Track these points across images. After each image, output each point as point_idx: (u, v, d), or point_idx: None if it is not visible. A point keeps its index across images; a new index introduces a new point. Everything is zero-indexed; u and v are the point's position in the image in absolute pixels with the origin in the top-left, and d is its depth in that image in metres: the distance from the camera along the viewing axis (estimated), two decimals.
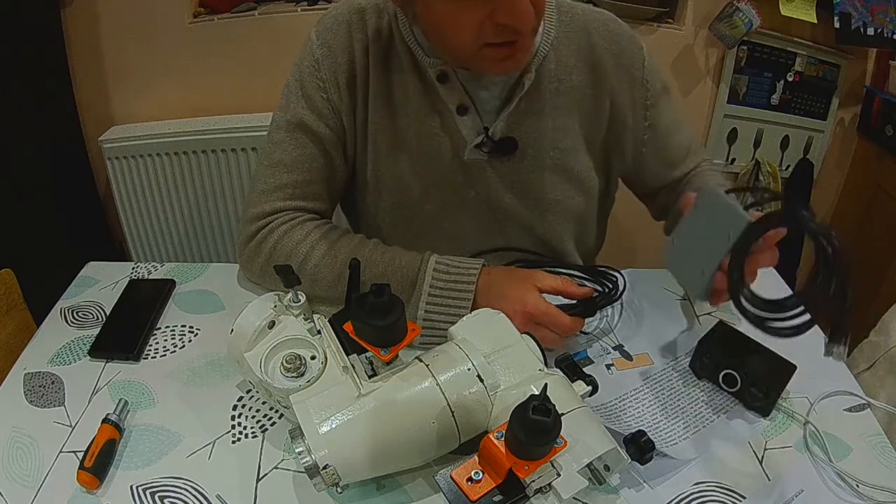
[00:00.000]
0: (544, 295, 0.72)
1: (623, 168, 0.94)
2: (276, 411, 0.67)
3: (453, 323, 0.63)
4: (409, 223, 0.89)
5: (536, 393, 0.50)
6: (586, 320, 0.76)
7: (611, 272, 0.81)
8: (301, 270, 0.77)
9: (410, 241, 0.84)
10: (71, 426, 0.65)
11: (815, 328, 0.57)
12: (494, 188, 0.86)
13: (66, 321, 0.80)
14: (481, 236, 0.90)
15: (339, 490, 0.55)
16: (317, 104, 0.81)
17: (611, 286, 0.77)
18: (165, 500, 0.58)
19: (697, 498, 0.60)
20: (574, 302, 0.74)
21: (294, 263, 0.77)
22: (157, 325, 0.79)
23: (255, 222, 0.81)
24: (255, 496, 0.59)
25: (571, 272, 0.83)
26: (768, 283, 0.91)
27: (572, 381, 0.62)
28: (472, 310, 0.73)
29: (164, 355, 0.75)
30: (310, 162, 0.82)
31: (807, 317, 0.57)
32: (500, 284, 0.73)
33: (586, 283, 0.82)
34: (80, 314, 0.81)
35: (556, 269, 0.84)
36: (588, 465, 0.54)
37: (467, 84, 0.80)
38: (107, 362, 0.74)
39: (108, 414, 0.64)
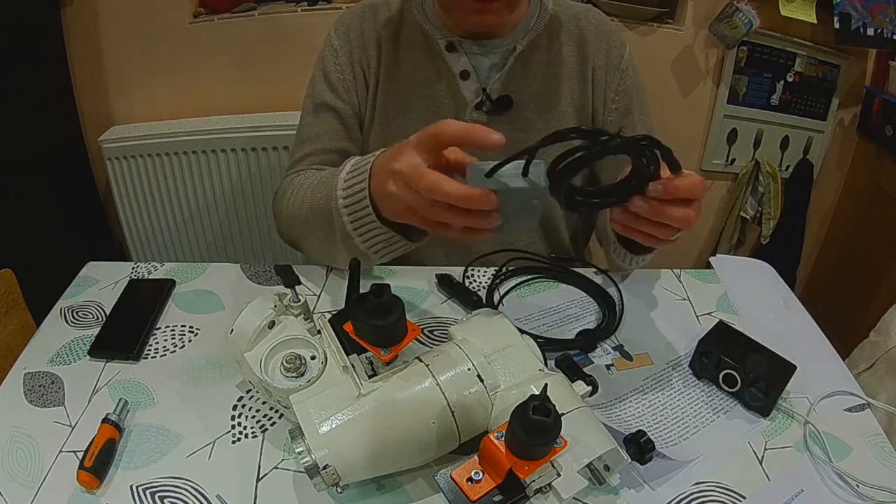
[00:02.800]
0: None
1: None
2: (276, 411, 0.67)
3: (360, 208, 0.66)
4: None
5: (536, 393, 0.50)
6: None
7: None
8: (289, 206, 0.84)
9: None
10: (71, 426, 0.65)
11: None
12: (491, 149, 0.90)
13: (66, 321, 0.80)
14: None
15: (339, 490, 0.55)
16: (335, 85, 0.93)
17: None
18: (165, 500, 0.58)
19: (697, 498, 0.60)
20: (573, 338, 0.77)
21: (288, 201, 0.84)
22: (157, 325, 0.79)
23: (281, 185, 0.91)
24: (255, 496, 0.59)
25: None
26: (767, 281, 0.92)
27: (572, 381, 0.62)
28: (370, 186, 0.67)
29: (164, 355, 0.75)
30: (329, 133, 0.93)
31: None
32: (388, 152, 0.66)
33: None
34: (80, 314, 0.81)
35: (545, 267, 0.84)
36: (588, 465, 0.54)
37: (470, 53, 0.91)
38: (107, 362, 0.74)
39: (107, 414, 0.64)
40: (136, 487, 0.59)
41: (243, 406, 0.68)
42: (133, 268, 0.89)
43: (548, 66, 0.92)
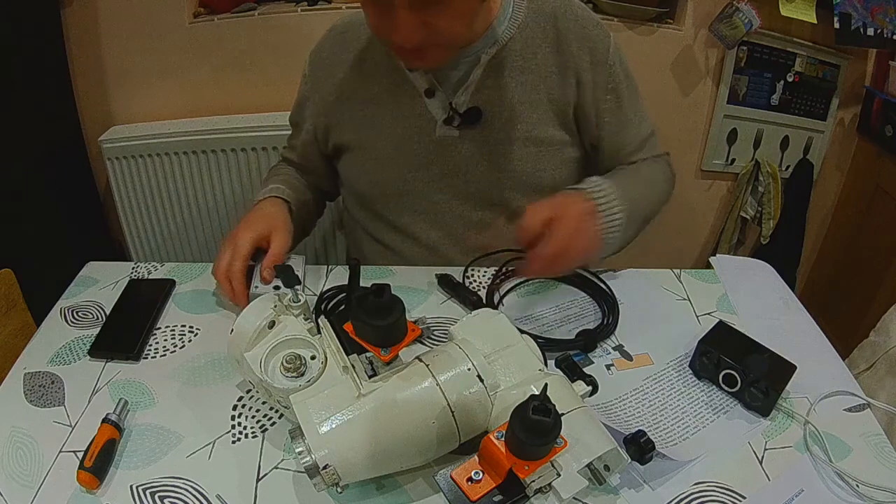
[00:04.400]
0: None
1: (590, 144, 0.96)
2: (276, 411, 0.67)
3: None
4: (391, 203, 0.97)
5: (536, 393, 0.50)
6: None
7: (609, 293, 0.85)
8: None
9: (392, 217, 0.97)
10: (71, 426, 0.65)
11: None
12: (466, 163, 0.92)
13: (66, 321, 0.80)
14: (460, 214, 0.95)
15: (339, 490, 0.55)
16: (304, 112, 1.00)
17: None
18: (165, 500, 0.58)
19: (697, 498, 0.60)
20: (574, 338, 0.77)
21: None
22: (157, 325, 0.80)
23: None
24: (255, 496, 0.59)
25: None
26: (767, 281, 0.92)
27: (572, 381, 0.62)
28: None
29: (164, 355, 0.75)
30: (300, 147, 1.03)
31: None
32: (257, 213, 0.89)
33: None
34: (80, 314, 0.81)
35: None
36: (588, 465, 0.54)
37: (434, 69, 0.88)
38: (107, 362, 0.74)
39: (107, 414, 0.64)
40: (136, 487, 0.59)
41: (243, 406, 0.68)
42: (133, 268, 0.89)
43: (522, 72, 0.88)
